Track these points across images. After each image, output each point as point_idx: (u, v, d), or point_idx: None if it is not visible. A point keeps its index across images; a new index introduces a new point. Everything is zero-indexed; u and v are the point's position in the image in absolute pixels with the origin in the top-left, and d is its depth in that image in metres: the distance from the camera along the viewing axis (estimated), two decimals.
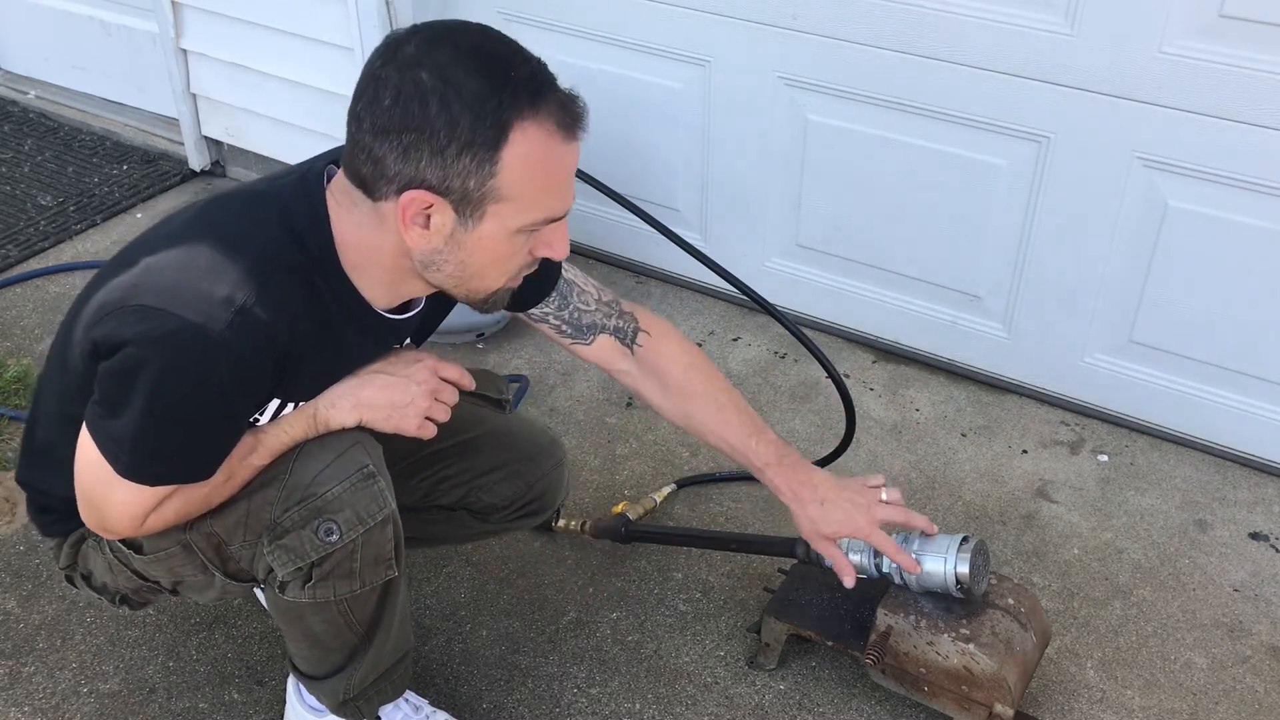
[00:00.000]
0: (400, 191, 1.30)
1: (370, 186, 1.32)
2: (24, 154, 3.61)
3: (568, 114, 1.31)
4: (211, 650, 2.00)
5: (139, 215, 3.31)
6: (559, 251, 1.42)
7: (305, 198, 1.40)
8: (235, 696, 1.93)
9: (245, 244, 1.36)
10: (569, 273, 1.71)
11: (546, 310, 1.70)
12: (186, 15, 3.20)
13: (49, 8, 3.71)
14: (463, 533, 1.92)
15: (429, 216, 1.32)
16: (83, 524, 1.50)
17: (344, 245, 1.39)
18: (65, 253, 3.13)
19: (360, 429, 1.51)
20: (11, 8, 3.83)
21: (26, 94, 3.91)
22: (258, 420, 1.47)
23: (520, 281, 1.47)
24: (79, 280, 3.01)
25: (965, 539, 1.71)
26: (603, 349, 1.74)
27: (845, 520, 1.68)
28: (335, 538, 1.47)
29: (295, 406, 1.49)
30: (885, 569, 1.75)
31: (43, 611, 2.07)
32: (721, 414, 1.72)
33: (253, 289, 1.32)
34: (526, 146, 1.28)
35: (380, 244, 1.37)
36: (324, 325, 1.42)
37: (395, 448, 1.58)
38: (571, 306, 1.70)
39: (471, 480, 1.81)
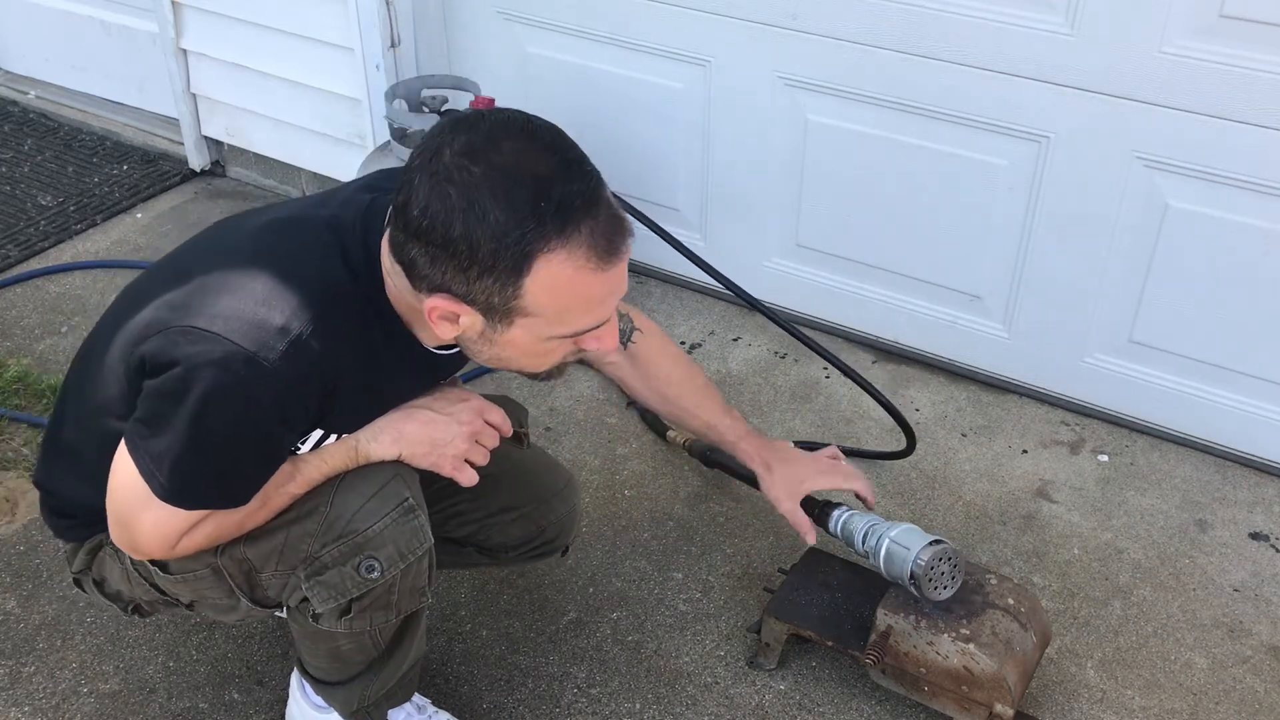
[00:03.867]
0: (430, 292, 1.29)
1: (409, 274, 1.31)
2: (24, 154, 3.61)
3: (602, 241, 1.26)
4: (211, 650, 2.00)
5: (139, 215, 3.32)
6: (607, 345, 1.40)
7: (364, 233, 1.38)
8: (235, 696, 1.93)
9: (303, 272, 1.35)
10: None
11: None
12: (186, 15, 3.20)
13: (49, 8, 3.71)
14: (468, 564, 1.92)
15: (459, 316, 1.31)
16: (101, 531, 1.49)
17: (392, 297, 1.39)
18: (65, 253, 3.13)
19: (399, 460, 1.50)
20: (11, 8, 3.83)
21: (26, 94, 3.91)
22: (298, 449, 1.45)
23: (573, 360, 1.45)
24: (79, 280, 3.01)
25: (937, 540, 1.73)
26: None
27: (812, 472, 1.87)
28: (376, 575, 1.46)
29: (337, 438, 1.47)
30: (862, 549, 1.81)
31: (43, 611, 2.07)
32: (699, 396, 1.89)
33: (307, 320, 1.31)
34: (551, 278, 1.25)
35: (421, 312, 1.35)
36: (373, 359, 1.41)
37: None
38: None
39: (483, 519, 1.80)
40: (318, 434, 1.45)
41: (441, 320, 1.32)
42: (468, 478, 1.54)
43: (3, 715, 1.89)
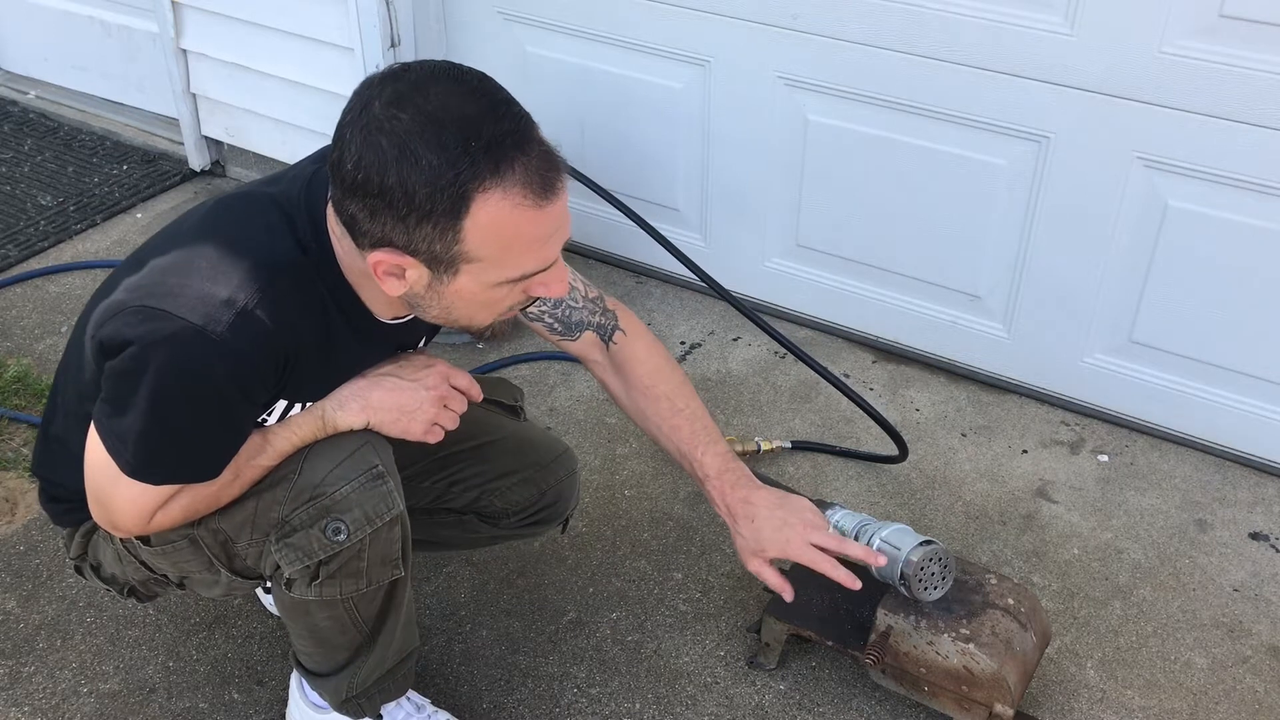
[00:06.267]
0: (373, 247, 1.30)
1: (351, 233, 1.32)
2: (24, 154, 3.61)
3: (537, 177, 1.27)
4: (211, 650, 2.00)
5: (139, 215, 3.32)
6: (555, 291, 1.40)
7: (308, 205, 1.40)
8: (235, 696, 1.93)
9: (248, 246, 1.37)
10: None
11: (542, 309, 1.71)
12: (186, 15, 3.20)
13: (49, 8, 3.71)
14: (471, 538, 1.93)
15: (404, 270, 1.31)
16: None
17: (343, 266, 1.41)
18: (65, 253, 3.13)
19: (370, 430, 1.51)
20: (11, 8, 3.83)
21: (26, 94, 3.91)
22: (265, 421, 1.47)
23: (519, 311, 1.46)
24: (79, 280, 3.01)
25: (928, 541, 1.73)
26: (585, 343, 1.76)
27: (774, 539, 1.66)
28: (343, 537, 1.47)
29: (303, 407, 1.49)
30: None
31: (43, 611, 2.07)
32: (675, 419, 1.72)
33: (254, 291, 1.33)
34: (490, 215, 1.25)
35: (370, 275, 1.36)
36: (325, 328, 1.42)
37: (410, 449, 1.59)
38: (564, 305, 1.72)
39: (484, 484, 1.82)
40: (282, 404, 1.47)
41: (387, 276, 1.32)
42: (435, 437, 1.55)
43: (3, 715, 1.89)
